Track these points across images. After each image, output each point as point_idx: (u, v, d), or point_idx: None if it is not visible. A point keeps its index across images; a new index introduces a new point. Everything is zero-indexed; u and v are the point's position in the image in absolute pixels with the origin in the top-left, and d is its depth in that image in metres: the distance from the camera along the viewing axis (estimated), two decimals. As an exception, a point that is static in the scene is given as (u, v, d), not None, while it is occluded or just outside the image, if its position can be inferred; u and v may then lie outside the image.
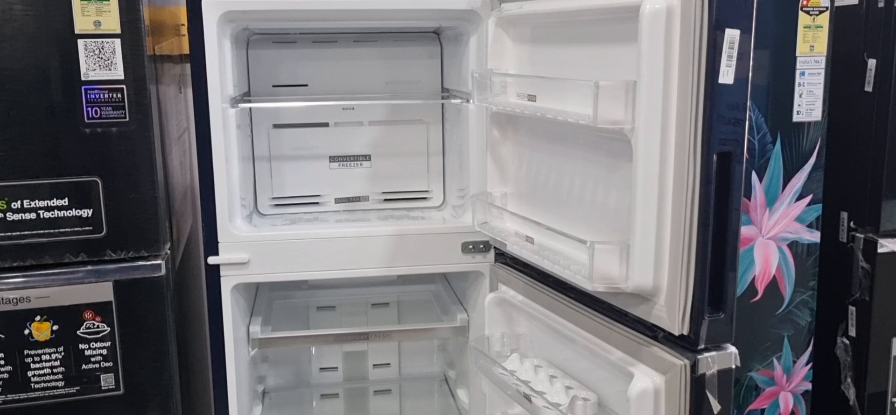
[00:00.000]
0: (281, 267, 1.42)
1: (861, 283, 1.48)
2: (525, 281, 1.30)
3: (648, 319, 0.99)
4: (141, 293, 1.31)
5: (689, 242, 0.91)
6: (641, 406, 0.98)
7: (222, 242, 1.39)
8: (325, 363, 1.87)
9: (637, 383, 0.99)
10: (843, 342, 1.53)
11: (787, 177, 1.39)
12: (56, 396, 1.30)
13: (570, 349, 1.24)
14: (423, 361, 1.91)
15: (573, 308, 1.16)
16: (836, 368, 1.55)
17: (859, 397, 1.51)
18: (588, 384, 1.20)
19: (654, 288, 0.96)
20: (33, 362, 1.28)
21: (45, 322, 1.28)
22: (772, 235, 1.41)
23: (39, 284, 1.27)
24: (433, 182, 1.74)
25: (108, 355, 1.31)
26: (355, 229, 1.48)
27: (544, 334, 1.32)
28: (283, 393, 1.86)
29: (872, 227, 1.45)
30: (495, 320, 1.38)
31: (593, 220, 1.11)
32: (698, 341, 0.94)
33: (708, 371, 0.94)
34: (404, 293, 1.84)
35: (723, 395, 0.96)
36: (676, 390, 0.96)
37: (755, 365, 1.47)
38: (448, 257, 1.46)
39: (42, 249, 1.26)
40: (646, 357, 1.00)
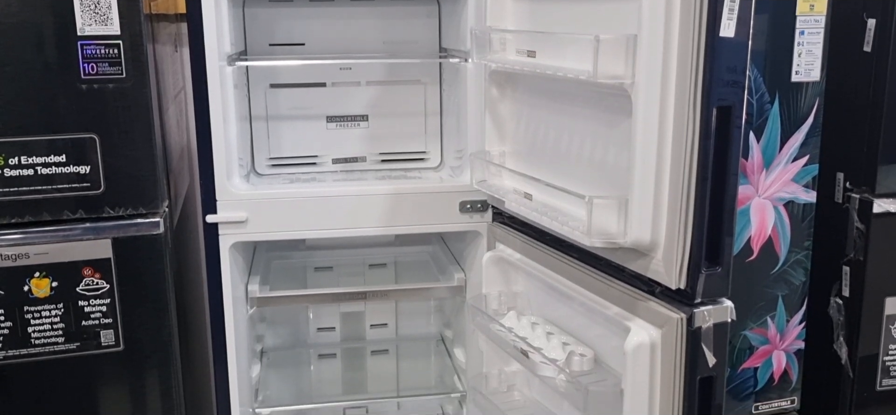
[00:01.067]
0: (279, 226, 1.42)
1: (855, 243, 1.49)
2: (523, 239, 1.31)
3: (645, 274, 1.00)
4: (140, 251, 1.31)
5: (687, 197, 0.91)
6: (638, 360, 1.00)
7: (220, 200, 1.39)
8: (322, 324, 1.89)
9: (633, 337, 1.00)
10: (837, 302, 1.55)
11: (785, 137, 1.40)
12: (56, 352, 1.31)
13: (567, 307, 1.26)
14: (420, 321, 1.92)
15: (570, 265, 1.17)
16: (829, 327, 1.56)
17: (851, 356, 1.53)
18: (585, 341, 1.21)
19: (652, 243, 0.97)
20: (33, 319, 1.29)
21: (45, 279, 1.28)
22: (768, 196, 1.42)
23: (38, 240, 1.27)
24: (431, 143, 1.73)
25: (108, 311, 1.31)
26: (353, 188, 1.48)
27: (541, 292, 1.33)
28: (281, 353, 1.88)
29: (868, 187, 1.46)
30: (492, 279, 1.38)
31: (592, 177, 1.12)
32: (695, 295, 0.95)
33: (704, 325, 0.95)
34: (401, 254, 1.85)
35: (718, 348, 0.97)
36: (672, 344, 0.97)
37: (749, 324, 1.49)
38: (446, 217, 1.47)
39: (40, 206, 1.26)
40: (642, 312, 1.01)
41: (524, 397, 1.40)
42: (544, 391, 1.35)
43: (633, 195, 0.95)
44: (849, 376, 1.54)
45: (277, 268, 1.76)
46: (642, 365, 0.99)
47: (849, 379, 1.54)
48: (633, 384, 1.00)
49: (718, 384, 0.98)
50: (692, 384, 0.97)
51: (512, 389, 1.42)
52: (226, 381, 1.47)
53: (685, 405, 0.98)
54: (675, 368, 0.98)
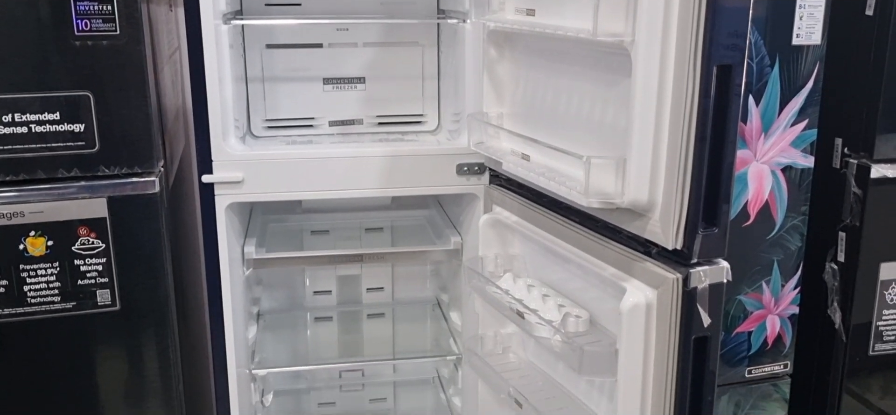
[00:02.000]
0: (275, 187, 1.42)
1: (852, 208, 1.49)
2: (520, 202, 1.31)
3: (642, 234, 1.00)
4: (135, 210, 1.30)
5: (685, 156, 0.91)
6: (633, 320, 1.00)
7: (216, 160, 1.38)
8: (318, 287, 1.89)
9: (629, 297, 1.00)
10: (832, 267, 1.55)
11: (784, 101, 1.39)
12: (53, 311, 1.31)
13: (563, 269, 1.26)
14: (416, 285, 1.93)
15: (567, 227, 1.17)
16: (824, 292, 1.57)
17: (844, 321, 1.54)
18: (580, 303, 1.21)
19: (649, 203, 0.97)
20: (29, 277, 1.29)
21: (40, 238, 1.28)
22: (766, 160, 1.41)
23: (33, 199, 1.26)
24: (428, 106, 1.72)
25: (104, 271, 1.31)
26: (350, 150, 1.47)
27: (538, 254, 1.33)
28: (277, 315, 1.88)
29: (866, 153, 1.46)
30: (489, 241, 1.38)
31: (590, 138, 1.11)
32: (691, 255, 0.95)
33: (700, 285, 0.95)
34: (398, 218, 1.85)
35: (714, 309, 0.97)
36: (668, 304, 0.97)
37: (744, 288, 1.50)
38: (443, 179, 1.46)
39: (34, 164, 1.25)
40: (638, 272, 1.02)
41: (519, 358, 1.41)
42: (539, 353, 1.36)
43: (632, 155, 0.95)
44: (842, 341, 1.55)
45: (274, 231, 1.76)
46: (637, 325, 1.00)
47: (842, 344, 1.55)
48: (629, 344, 1.01)
49: (713, 345, 0.99)
50: (687, 344, 0.97)
51: (507, 351, 1.43)
52: (222, 342, 1.47)
53: (679, 365, 0.98)
54: (670, 328, 0.98)
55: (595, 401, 1.21)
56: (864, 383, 1.63)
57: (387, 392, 1.98)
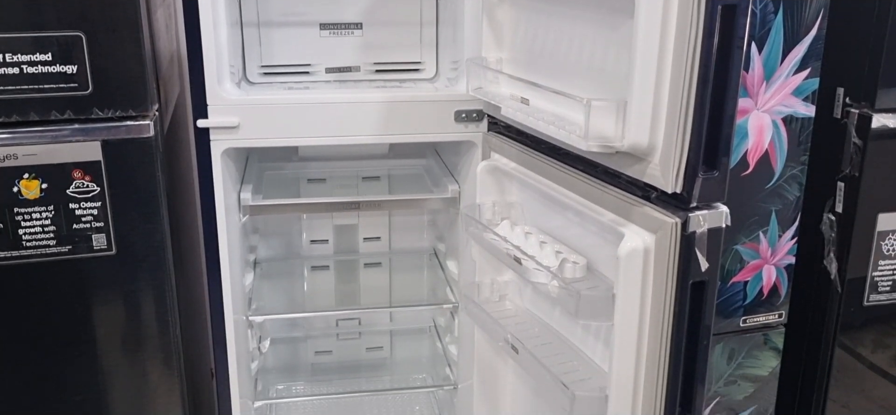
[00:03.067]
0: (271, 132, 1.40)
1: (852, 159, 1.48)
2: (518, 148, 1.30)
3: (642, 178, 0.99)
4: (130, 153, 1.29)
5: (687, 98, 0.90)
6: (631, 265, 1.00)
7: (211, 105, 1.36)
8: (315, 236, 1.89)
9: (627, 242, 1.00)
10: (829, 218, 1.55)
11: (787, 49, 1.37)
12: (48, 254, 1.30)
13: (561, 216, 1.25)
14: (413, 235, 1.93)
15: (566, 172, 1.16)
16: (820, 243, 1.57)
17: (840, 271, 1.55)
18: (578, 250, 1.21)
19: (650, 146, 0.96)
20: (24, 220, 1.28)
21: (34, 180, 1.27)
22: (767, 109, 1.40)
23: (26, 141, 1.25)
24: (426, 53, 1.70)
25: (99, 214, 1.30)
26: (347, 95, 1.46)
27: (536, 202, 1.32)
28: (274, 264, 1.88)
29: (868, 103, 1.44)
30: (487, 189, 1.38)
31: (591, 83, 1.10)
32: (691, 199, 0.94)
33: (698, 229, 0.95)
34: (395, 167, 1.84)
35: (712, 253, 0.97)
36: (666, 249, 0.97)
37: (741, 238, 1.49)
38: (441, 126, 1.45)
39: (27, 105, 1.24)
40: (637, 217, 1.01)
41: (516, 306, 1.41)
42: (536, 301, 1.36)
43: (633, 97, 0.94)
44: (837, 291, 1.56)
45: (270, 179, 1.75)
46: (635, 270, 1.00)
47: (837, 294, 1.56)
48: (625, 289, 1.01)
49: (710, 290, 0.99)
50: (684, 289, 0.97)
51: (503, 299, 1.43)
52: (219, 287, 1.47)
53: (676, 310, 0.98)
54: (667, 273, 0.98)
55: (591, 347, 1.22)
56: (857, 337, 1.64)
57: (383, 341, 1.99)
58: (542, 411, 1.40)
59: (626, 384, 1.04)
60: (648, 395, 1.03)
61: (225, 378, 1.52)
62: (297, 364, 1.96)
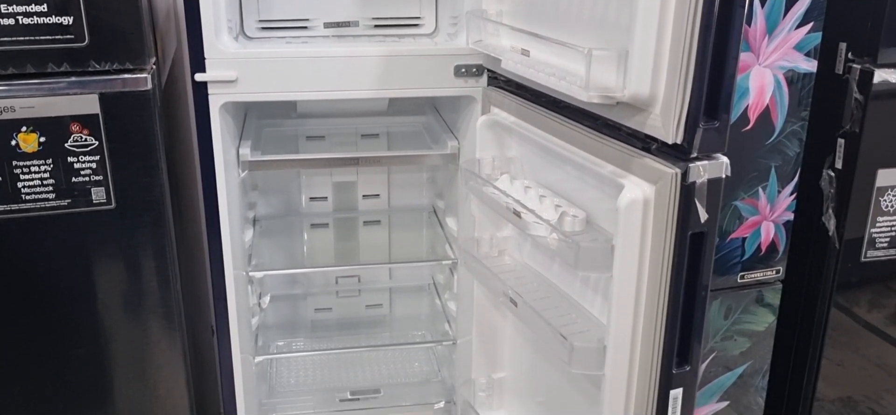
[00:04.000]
0: (269, 86, 1.39)
1: (853, 114, 1.48)
2: (518, 102, 1.29)
3: (642, 129, 0.99)
4: (128, 107, 1.29)
5: (689, 47, 0.89)
6: (630, 216, 1.00)
7: (209, 58, 1.35)
8: (314, 193, 1.89)
9: (627, 193, 1.00)
10: (829, 175, 1.55)
11: (790, 3, 1.36)
12: (48, 208, 1.30)
13: (560, 170, 1.25)
14: (412, 193, 1.93)
15: (566, 126, 1.15)
16: (819, 199, 1.57)
17: (838, 228, 1.55)
18: (577, 204, 1.21)
19: (651, 96, 0.95)
20: (23, 174, 1.28)
21: (32, 133, 1.26)
22: (769, 64, 1.39)
23: (23, 93, 1.24)
24: (425, 8, 1.68)
25: (98, 168, 1.30)
26: (345, 49, 1.45)
27: (535, 156, 1.32)
28: (273, 221, 1.88)
29: (870, 58, 1.44)
30: (486, 143, 1.37)
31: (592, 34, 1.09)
32: (691, 150, 0.94)
33: (698, 180, 0.95)
34: (394, 124, 1.83)
35: (711, 204, 0.97)
36: (666, 199, 0.97)
37: (740, 194, 1.50)
38: (440, 81, 1.44)
39: (23, 57, 1.23)
40: (637, 168, 1.01)
41: (515, 261, 1.42)
42: (535, 255, 1.37)
43: (634, 47, 0.93)
44: (835, 248, 1.56)
45: (268, 135, 1.74)
46: (634, 221, 1.00)
47: (834, 250, 1.57)
48: (625, 240, 1.01)
49: (709, 241, 0.99)
50: (683, 240, 0.97)
51: (503, 254, 1.43)
52: (219, 243, 1.47)
53: (675, 261, 0.99)
54: (667, 224, 0.98)
55: (589, 300, 1.22)
56: (853, 296, 1.65)
57: (383, 298, 2.00)
58: (540, 365, 1.41)
59: (624, 335, 1.05)
60: (646, 346, 1.04)
61: (226, 333, 1.53)
62: (297, 321, 1.98)
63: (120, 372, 1.44)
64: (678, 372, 1.04)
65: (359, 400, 1.73)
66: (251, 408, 1.62)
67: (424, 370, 1.88)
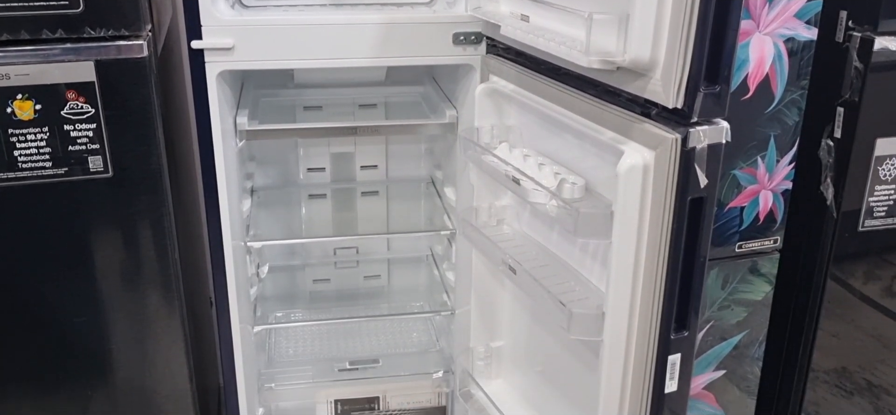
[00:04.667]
0: (266, 54, 1.39)
1: (852, 83, 1.47)
2: (517, 70, 1.28)
3: (643, 95, 0.99)
4: (124, 74, 1.27)
5: (690, 10, 0.88)
6: (630, 181, 1.00)
7: (205, 25, 1.34)
8: (312, 164, 1.88)
9: (627, 158, 1.00)
10: (828, 144, 1.55)
11: (791, -31, 1.35)
12: (45, 177, 1.30)
13: (560, 139, 1.25)
14: (410, 164, 1.92)
15: (566, 92, 1.15)
16: (818, 169, 1.57)
17: (836, 197, 1.55)
18: (576, 172, 1.21)
19: (651, 61, 0.95)
20: (19, 142, 1.27)
21: (28, 101, 1.25)
22: (769, 31, 1.38)
23: (18, 60, 1.23)
24: (424, -24, 1.67)
25: (95, 136, 1.29)
26: (343, 17, 1.43)
27: (534, 125, 1.31)
28: (271, 192, 1.88)
29: (870, 26, 1.43)
30: (485, 112, 1.37)
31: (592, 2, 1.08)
32: (691, 115, 0.94)
33: (698, 145, 0.95)
34: (392, 94, 1.82)
35: (711, 169, 0.97)
36: (665, 165, 0.97)
37: (739, 163, 1.49)
38: (439, 49, 1.43)
39: (17, 24, 1.21)
40: (637, 134, 1.01)
41: (513, 230, 1.42)
42: (534, 224, 1.37)
43: (635, 10, 0.92)
44: (832, 217, 1.57)
45: (266, 105, 1.73)
46: (634, 186, 1.00)
47: (832, 220, 1.57)
48: (624, 206, 1.01)
49: (709, 206, 0.99)
50: (683, 205, 0.97)
51: (501, 223, 1.43)
52: (217, 212, 1.47)
53: (674, 226, 0.99)
54: (666, 189, 0.98)
55: (588, 267, 1.22)
56: (849, 269, 1.65)
57: (381, 269, 2.00)
58: (538, 334, 1.42)
59: (623, 301, 1.05)
60: (645, 311, 1.04)
61: (224, 303, 1.53)
62: (295, 293, 1.98)
63: (119, 342, 1.44)
64: (676, 338, 1.05)
65: (357, 370, 1.74)
66: (250, 378, 1.63)
67: (423, 341, 1.89)
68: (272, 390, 1.68)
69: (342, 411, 1.73)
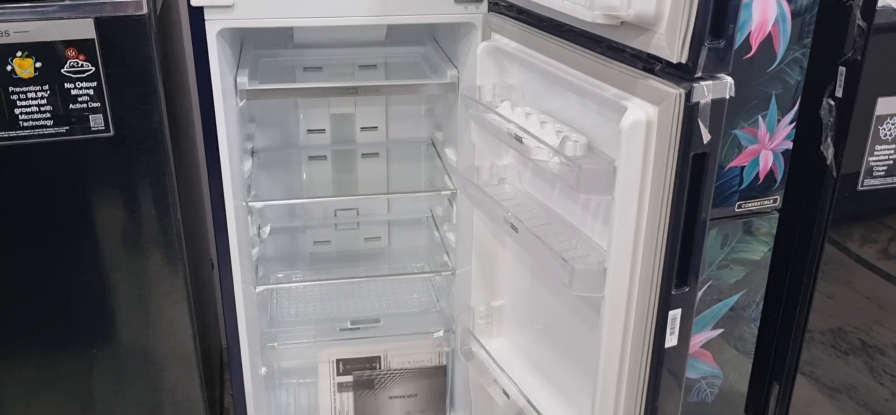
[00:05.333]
0: (266, 12, 1.38)
1: (855, 42, 1.47)
2: (520, 27, 1.28)
3: (647, 49, 0.98)
4: (124, 32, 1.27)
5: (696, -37, 0.88)
6: (633, 137, 1.00)
7: (205, -18, 1.33)
8: (312, 126, 1.88)
9: (630, 114, 1.00)
10: (829, 103, 1.55)
11: (796, -76, 1.34)
12: (46, 135, 1.30)
13: (562, 97, 1.25)
14: (410, 125, 1.92)
15: (569, 49, 1.14)
16: (818, 128, 1.58)
17: (837, 156, 1.56)
18: (578, 130, 1.21)
19: (656, 15, 0.94)
20: (19, 100, 1.26)
21: (28, 59, 1.24)
22: (772, -12, 1.38)
23: (16, 17, 1.22)
24: (424, -67, 1.65)
25: (95, 95, 1.29)
26: (343, -26, 1.42)
27: (536, 83, 1.31)
28: (271, 153, 1.88)
29: (874, -17, 1.42)
30: (487, 70, 1.36)
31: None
32: (696, 69, 0.93)
33: (702, 100, 0.95)
34: (392, 55, 1.81)
35: (715, 125, 0.97)
36: (669, 120, 0.97)
37: (740, 122, 1.50)
38: (440, 6, 1.42)
39: (15, -21, 1.20)
40: (641, 90, 1.01)
41: (515, 189, 1.42)
42: (535, 183, 1.37)
43: (640, -37, 0.92)
44: (832, 176, 1.57)
45: (265, 66, 1.73)
46: (637, 142, 1.00)
47: (832, 179, 1.58)
48: (627, 161, 1.01)
49: (711, 161, 0.99)
50: (685, 160, 0.98)
51: (502, 182, 1.44)
52: (218, 172, 1.47)
53: (677, 182, 0.99)
54: (669, 144, 0.98)
55: (589, 226, 1.23)
56: (847, 231, 1.66)
57: (381, 231, 2.01)
58: (539, 292, 1.43)
59: (624, 256, 1.06)
60: (646, 267, 1.05)
61: (227, 263, 1.54)
62: (296, 254, 1.99)
63: (122, 301, 1.45)
64: (677, 293, 1.05)
65: (359, 329, 1.76)
66: (253, 337, 1.64)
67: (423, 301, 1.90)
68: (274, 349, 1.70)
69: (344, 371, 1.75)
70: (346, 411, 1.78)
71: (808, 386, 1.82)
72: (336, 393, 1.76)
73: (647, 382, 1.10)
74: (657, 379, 1.09)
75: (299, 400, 1.85)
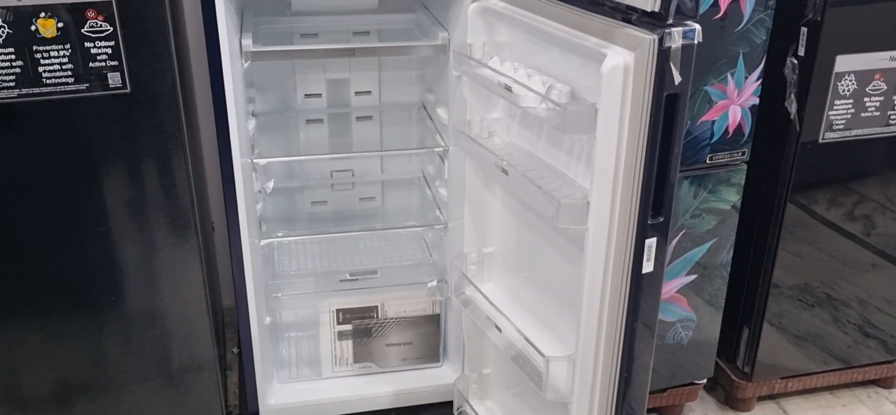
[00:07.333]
0: (271, -24, 1.47)
1: (815, 4, 1.60)
2: (508, -12, 1.38)
3: (624, 1, 1.10)
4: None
5: (667, -80, 0.99)
6: (612, 80, 1.11)
7: (213, -52, 1.42)
8: (309, 90, 1.97)
9: (609, 60, 1.11)
10: (792, 62, 1.68)
11: None
12: (67, 92, 1.38)
13: (547, 54, 1.36)
14: (402, 89, 2.02)
15: (553, 5, 1.26)
16: (783, 85, 1.70)
17: (799, 111, 1.69)
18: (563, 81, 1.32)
19: (632, -31, 1.06)
20: (43, 59, 1.35)
21: (50, 19, 1.33)
22: (739, -47, 1.49)
23: (40, -21, 1.31)
24: None
25: (113, 54, 1.38)
26: (342, -60, 1.51)
27: (523, 40, 1.42)
28: (270, 117, 1.97)
29: (832, -51, 1.54)
30: (477, 29, 1.47)
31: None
32: (668, 17, 1.05)
33: (673, 45, 1.06)
34: (385, 22, 1.91)
35: (685, 68, 1.09)
36: (644, 64, 1.08)
37: (711, 79, 1.62)
38: (433, -29, 1.52)
39: (37, -58, 1.29)
40: (619, 38, 1.12)
41: (504, 140, 1.53)
42: (523, 134, 1.48)
43: (618, -78, 1.03)
44: (796, 130, 1.70)
45: (265, 32, 1.82)
46: (616, 85, 1.11)
47: (795, 132, 1.71)
48: (607, 103, 1.13)
49: (682, 102, 1.11)
50: (659, 100, 1.09)
51: (492, 135, 1.55)
52: (226, 130, 1.56)
53: (652, 119, 1.11)
54: (645, 87, 1.10)
55: (573, 169, 1.35)
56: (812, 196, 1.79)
57: (375, 191, 2.11)
58: (527, 236, 1.55)
59: (606, 190, 1.17)
60: (625, 199, 1.17)
61: (235, 217, 1.63)
62: (294, 214, 2.09)
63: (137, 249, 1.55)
64: (653, 222, 1.17)
65: (357, 280, 1.86)
66: (259, 289, 1.74)
67: (417, 256, 2.01)
68: (278, 299, 1.80)
69: (343, 319, 1.86)
70: (346, 359, 1.89)
71: (775, 334, 1.95)
72: (336, 341, 1.87)
73: (628, 305, 1.22)
74: (636, 303, 1.21)
75: (300, 352, 1.95)
